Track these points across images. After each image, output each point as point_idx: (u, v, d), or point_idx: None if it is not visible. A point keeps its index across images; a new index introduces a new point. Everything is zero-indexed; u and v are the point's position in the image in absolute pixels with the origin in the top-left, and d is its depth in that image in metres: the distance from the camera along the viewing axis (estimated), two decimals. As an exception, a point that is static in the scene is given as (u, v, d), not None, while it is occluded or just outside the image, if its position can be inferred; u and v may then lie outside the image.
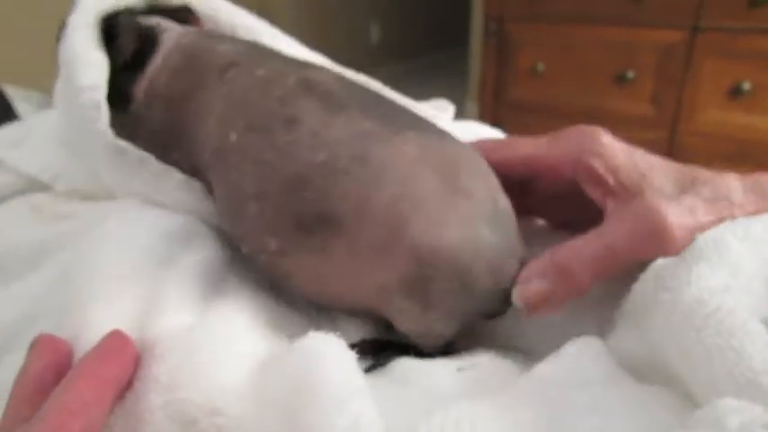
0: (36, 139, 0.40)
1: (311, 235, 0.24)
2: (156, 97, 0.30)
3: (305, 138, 0.25)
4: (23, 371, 0.21)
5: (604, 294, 0.29)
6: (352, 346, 0.22)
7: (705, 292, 0.19)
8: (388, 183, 0.24)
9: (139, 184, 0.30)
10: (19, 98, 0.68)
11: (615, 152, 0.26)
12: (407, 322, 0.25)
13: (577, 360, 0.22)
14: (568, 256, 0.24)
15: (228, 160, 0.26)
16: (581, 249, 0.24)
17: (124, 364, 0.21)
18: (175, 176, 0.30)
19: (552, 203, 0.30)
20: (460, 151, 0.26)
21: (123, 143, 0.29)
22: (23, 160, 0.38)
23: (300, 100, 0.26)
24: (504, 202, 0.26)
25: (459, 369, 0.24)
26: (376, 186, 0.24)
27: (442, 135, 0.27)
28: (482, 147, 0.29)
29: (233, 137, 0.26)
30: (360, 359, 0.21)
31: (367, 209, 0.24)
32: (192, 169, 0.30)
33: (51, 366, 0.21)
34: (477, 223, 0.24)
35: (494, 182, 0.26)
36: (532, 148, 0.28)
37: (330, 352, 0.21)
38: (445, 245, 0.24)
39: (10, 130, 0.44)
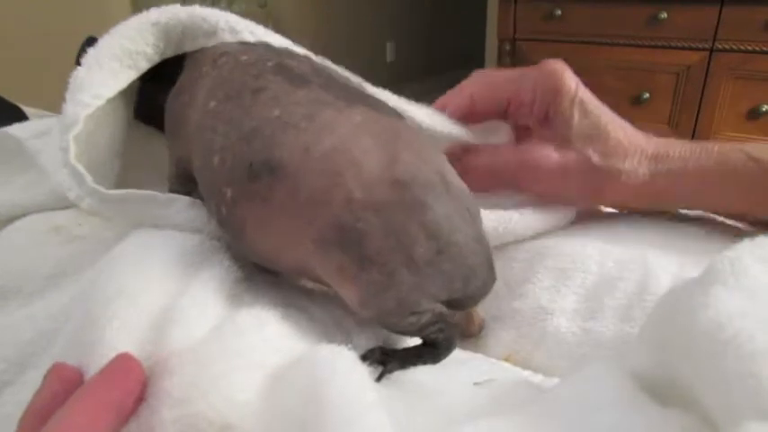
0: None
1: (258, 180, 0.26)
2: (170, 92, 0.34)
3: (267, 100, 0.28)
4: (32, 399, 0.21)
5: (624, 315, 0.29)
6: (363, 357, 0.22)
7: (723, 317, 0.19)
8: (329, 137, 0.26)
9: (149, 218, 0.31)
10: (37, 119, 0.69)
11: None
12: (349, 285, 0.26)
13: (596, 381, 0.22)
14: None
15: (205, 124, 0.29)
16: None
17: (128, 387, 0.21)
18: (181, 200, 0.31)
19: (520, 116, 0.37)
20: (409, 131, 0.29)
21: (117, 192, 0.31)
22: (54, 167, 0.39)
23: (270, 76, 0.29)
24: (450, 178, 0.28)
25: (475, 384, 0.24)
26: (318, 139, 0.26)
27: (398, 118, 0.30)
28: (471, 87, 0.37)
29: (212, 104, 0.29)
30: (369, 368, 0.22)
31: (307, 157, 0.26)
32: (186, 157, 0.32)
33: (59, 394, 0.21)
34: (406, 184, 0.25)
35: (437, 161, 0.28)
36: (507, 86, 0.36)
37: (341, 365, 0.21)
38: (378, 200, 0.25)
39: (44, 121, 0.45)
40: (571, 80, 0.34)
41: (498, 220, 0.34)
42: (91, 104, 0.31)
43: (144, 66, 0.33)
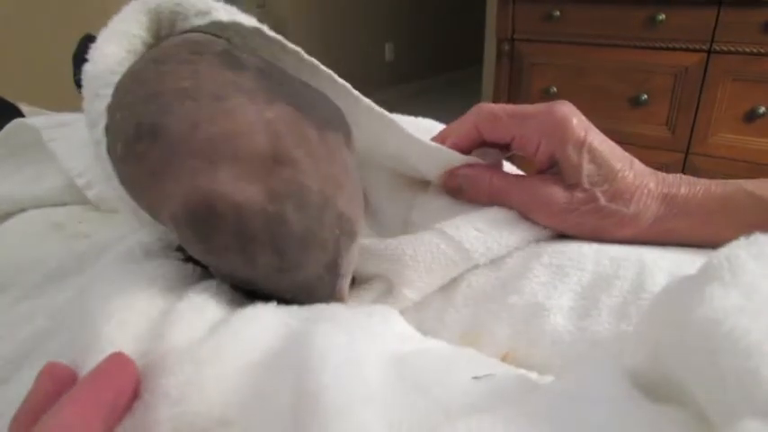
0: (81, 133, 0.41)
1: (140, 141, 0.26)
2: None
3: (186, 71, 0.27)
4: (25, 398, 0.21)
5: (620, 313, 0.29)
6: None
7: (719, 313, 0.19)
8: (224, 122, 0.25)
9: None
10: (34, 117, 0.69)
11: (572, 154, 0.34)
12: (195, 254, 0.26)
13: (592, 378, 0.22)
14: (499, 186, 0.36)
15: (124, 82, 0.29)
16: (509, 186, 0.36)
17: (121, 386, 0.21)
18: None
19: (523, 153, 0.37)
20: (324, 145, 0.28)
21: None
22: (67, 154, 0.39)
23: (209, 55, 0.28)
24: (339, 204, 0.27)
25: (474, 378, 0.24)
26: (211, 120, 0.25)
27: (325, 124, 0.28)
28: (475, 118, 0.36)
29: (137, 66, 0.29)
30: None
31: (191, 133, 0.25)
32: None
33: (51, 394, 0.21)
34: (277, 195, 0.25)
35: (337, 182, 0.27)
36: (512, 126, 0.36)
37: (335, 356, 0.20)
38: (239, 200, 0.24)
39: (61, 115, 0.46)
40: (580, 129, 0.34)
41: (489, 239, 0.34)
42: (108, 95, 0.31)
43: (141, 49, 0.33)
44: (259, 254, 0.25)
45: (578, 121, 0.34)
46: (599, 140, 0.34)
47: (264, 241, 0.25)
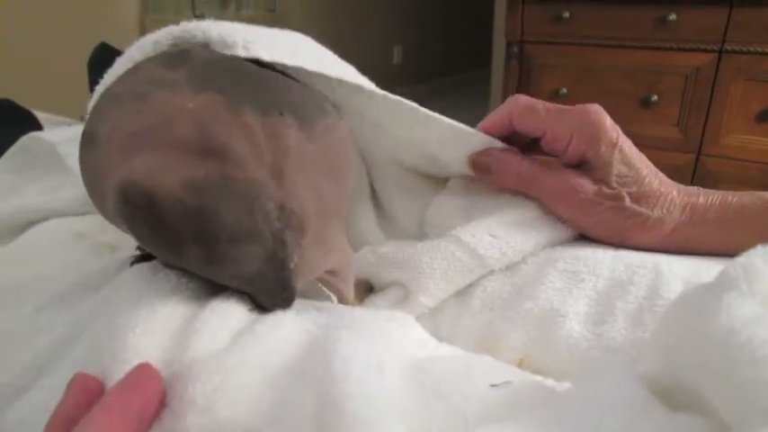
0: None
1: (84, 147, 0.28)
2: None
3: (125, 76, 0.28)
4: (55, 410, 0.22)
5: (636, 320, 0.29)
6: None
7: (737, 322, 0.19)
8: (140, 119, 0.25)
9: None
10: (50, 124, 0.70)
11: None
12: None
13: (608, 385, 0.22)
14: (529, 171, 0.36)
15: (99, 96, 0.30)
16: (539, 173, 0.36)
17: (147, 396, 0.21)
18: None
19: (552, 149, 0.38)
20: (252, 128, 0.26)
21: None
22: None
23: (158, 59, 0.29)
24: (260, 184, 0.25)
25: (492, 385, 0.24)
26: (131, 120, 0.25)
27: (267, 109, 0.27)
28: (512, 106, 0.37)
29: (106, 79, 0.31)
30: None
31: (112, 136, 0.26)
32: None
33: (81, 404, 0.22)
34: (196, 186, 0.24)
35: (275, 166, 0.26)
36: (547, 119, 0.36)
37: (358, 362, 0.21)
38: (150, 189, 0.24)
39: (75, 128, 0.47)
40: (613, 130, 0.35)
41: (504, 245, 0.34)
42: None
43: None
44: (183, 246, 0.25)
45: (611, 123, 0.35)
46: (628, 145, 0.35)
47: (185, 233, 0.24)
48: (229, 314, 0.26)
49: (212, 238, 0.24)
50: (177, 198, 0.24)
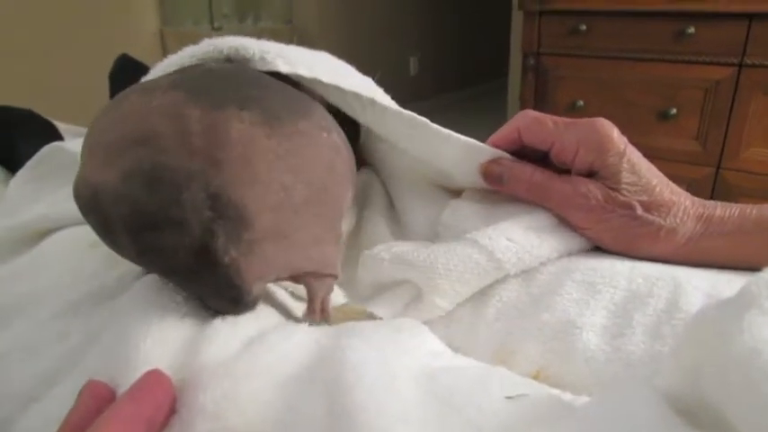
0: None
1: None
2: None
3: (131, 94, 0.28)
4: (67, 416, 0.22)
5: (654, 333, 0.28)
6: None
7: (759, 342, 0.19)
8: (110, 120, 0.27)
9: None
10: (71, 135, 0.71)
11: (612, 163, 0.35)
12: None
13: (627, 401, 0.21)
14: (540, 179, 0.36)
15: None
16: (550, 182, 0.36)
17: (157, 403, 0.22)
18: None
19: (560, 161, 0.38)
20: (197, 119, 0.26)
21: None
22: None
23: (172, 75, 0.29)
24: (192, 172, 0.25)
25: (507, 398, 0.24)
26: (102, 129, 0.27)
27: (223, 104, 0.26)
28: (520, 121, 0.37)
29: None
30: None
31: (88, 140, 0.28)
32: None
33: (92, 411, 0.22)
34: (128, 174, 0.25)
35: (212, 155, 0.25)
36: (555, 132, 0.36)
37: (369, 371, 0.21)
38: (94, 182, 0.26)
39: None
40: (620, 141, 0.35)
41: (520, 249, 0.34)
42: None
43: None
44: (117, 235, 0.26)
45: (618, 134, 0.35)
46: (637, 155, 0.35)
47: (116, 221, 0.25)
48: (240, 323, 0.26)
49: (136, 225, 0.25)
50: (113, 188, 0.25)
